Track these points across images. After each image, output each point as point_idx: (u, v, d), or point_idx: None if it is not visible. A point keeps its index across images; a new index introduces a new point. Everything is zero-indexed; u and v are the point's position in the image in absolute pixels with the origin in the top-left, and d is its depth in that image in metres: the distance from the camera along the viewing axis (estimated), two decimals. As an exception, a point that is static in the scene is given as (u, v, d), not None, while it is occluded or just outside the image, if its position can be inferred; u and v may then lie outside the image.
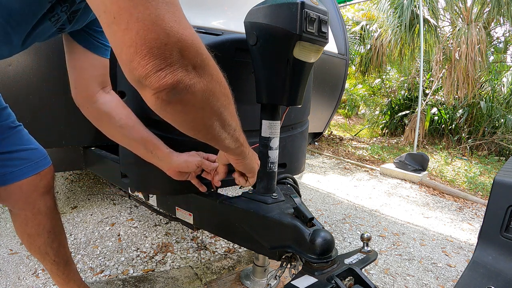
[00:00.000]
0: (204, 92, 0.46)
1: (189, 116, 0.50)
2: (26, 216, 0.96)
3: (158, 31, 0.38)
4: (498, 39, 6.92)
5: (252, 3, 0.87)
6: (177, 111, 0.47)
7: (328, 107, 2.19)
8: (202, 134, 0.57)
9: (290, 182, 1.16)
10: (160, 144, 0.90)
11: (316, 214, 2.52)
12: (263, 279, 1.33)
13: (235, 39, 0.96)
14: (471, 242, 2.25)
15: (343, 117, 9.51)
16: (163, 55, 0.39)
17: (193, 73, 0.43)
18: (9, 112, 0.88)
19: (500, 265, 0.68)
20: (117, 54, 0.41)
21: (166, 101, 0.43)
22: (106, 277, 1.50)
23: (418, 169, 3.87)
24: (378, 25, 7.12)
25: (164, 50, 0.39)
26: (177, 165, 0.91)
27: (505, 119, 5.81)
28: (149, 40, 0.38)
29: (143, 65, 0.39)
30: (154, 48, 0.38)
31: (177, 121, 0.51)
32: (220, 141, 0.62)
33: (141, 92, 0.44)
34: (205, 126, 0.55)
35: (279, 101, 0.89)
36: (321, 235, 0.79)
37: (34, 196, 0.94)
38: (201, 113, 0.51)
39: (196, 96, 0.45)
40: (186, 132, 0.55)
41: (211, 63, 0.48)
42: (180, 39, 0.40)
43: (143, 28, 0.38)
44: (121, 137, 0.89)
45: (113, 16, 0.38)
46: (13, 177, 0.88)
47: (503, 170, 0.76)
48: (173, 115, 0.48)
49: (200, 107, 0.49)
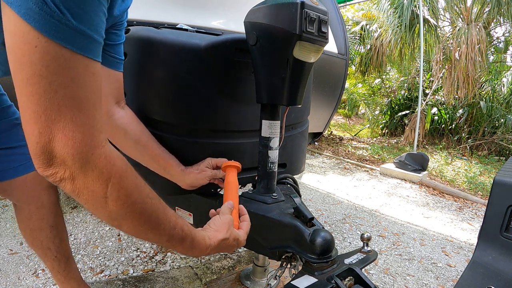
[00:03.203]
0: (74, 192, 0.46)
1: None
2: (30, 210, 0.98)
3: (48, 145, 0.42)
4: (498, 39, 6.91)
5: (252, 3, 0.87)
6: (68, 193, 0.48)
7: (328, 107, 2.19)
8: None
9: (290, 182, 1.16)
10: (173, 161, 0.93)
11: (316, 214, 2.52)
12: (263, 279, 1.33)
13: (235, 39, 0.96)
14: (471, 242, 2.25)
15: (343, 117, 9.51)
16: (45, 160, 0.43)
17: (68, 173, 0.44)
18: (14, 110, 0.91)
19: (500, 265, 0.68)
20: (24, 124, 0.43)
21: (52, 183, 0.46)
22: (106, 277, 1.50)
23: (418, 169, 3.87)
24: (378, 25, 7.12)
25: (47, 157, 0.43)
26: (189, 183, 0.96)
27: (505, 119, 5.81)
28: (39, 146, 0.42)
29: (36, 158, 0.43)
30: (41, 154, 0.42)
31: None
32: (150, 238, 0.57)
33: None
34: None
35: (279, 101, 0.89)
36: (321, 235, 0.79)
37: (39, 190, 0.96)
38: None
39: (68, 192, 0.46)
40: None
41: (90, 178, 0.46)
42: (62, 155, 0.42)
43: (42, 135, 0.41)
44: (136, 152, 0.90)
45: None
46: (18, 171, 0.90)
47: (503, 170, 0.76)
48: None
49: (82, 202, 0.48)
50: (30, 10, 0.37)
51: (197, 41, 0.94)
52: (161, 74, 0.95)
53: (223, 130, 1.04)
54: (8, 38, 0.40)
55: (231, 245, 0.69)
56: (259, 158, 0.97)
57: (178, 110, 0.98)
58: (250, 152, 1.10)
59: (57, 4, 0.38)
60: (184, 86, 0.95)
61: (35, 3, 0.37)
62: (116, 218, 0.50)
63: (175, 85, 0.95)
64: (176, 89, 0.96)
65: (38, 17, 0.38)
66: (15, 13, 0.38)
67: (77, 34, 0.41)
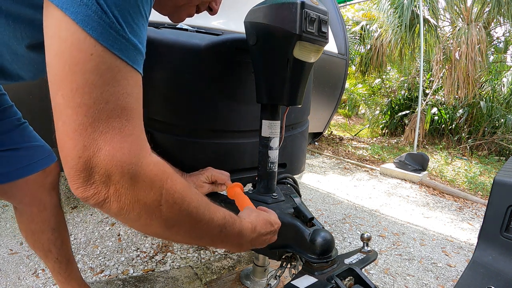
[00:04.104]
0: (121, 210, 0.43)
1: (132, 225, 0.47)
2: (32, 212, 0.97)
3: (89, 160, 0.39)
4: (498, 39, 6.92)
5: (252, 3, 0.87)
6: (108, 214, 0.46)
7: (328, 107, 2.19)
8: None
9: (290, 182, 1.16)
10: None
11: (316, 214, 2.52)
12: (263, 279, 1.33)
13: (235, 39, 0.96)
14: (471, 242, 2.25)
15: (343, 117, 9.51)
16: (86, 177, 0.40)
17: (110, 191, 0.41)
18: (15, 110, 0.90)
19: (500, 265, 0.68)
20: (58, 138, 0.40)
21: (91, 205, 0.43)
22: (106, 277, 1.50)
23: (418, 169, 3.87)
24: (378, 25, 7.12)
25: (86, 173, 0.40)
26: None
27: (505, 119, 5.81)
28: (82, 161, 0.39)
29: (75, 176, 0.40)
30: (83, 170, 0.40)
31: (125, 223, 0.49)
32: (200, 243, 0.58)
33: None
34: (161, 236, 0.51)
35: (279, 101, 0.89)
36: (321, 235, 0.79)
37: (40, 192, 0.95)
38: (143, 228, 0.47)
39: (112, 212, 0.43)
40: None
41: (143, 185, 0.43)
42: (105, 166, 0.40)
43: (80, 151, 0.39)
44: None
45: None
46: (19, 174, 0.90)
47: (503, 170, 0.76)
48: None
49: (128, 220, 0.45)
50: (88, 18, 0.37)
51: (197, 41, 0.94)
52: (161, 74, 0.95)
53: (223, 130, 1.04)
54: (55, 44, 0.39)
55: (269, 223, 0.72)
56: (259, 158, 0.97)
57: (178, 110, 0.98)
58: (250, 152, 1.10)
59: (116, 15, 0.38)
60: (184, 86, 0.95)
61: (94, 12, 0.37)
62: (173, 225, 0.48)
63: (175, 85, 0.95)
64: (176, 89, 0.96)
65: (97, 26, 0.37)
66: (70, 19, 0.37)
67: (131, 46, 0.41)
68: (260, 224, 0.68)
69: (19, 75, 0.65)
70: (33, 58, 0.60)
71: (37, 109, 1.22)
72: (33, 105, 1.21)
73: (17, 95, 1.16)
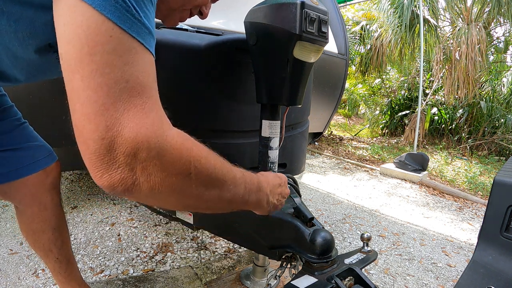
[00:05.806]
0: (153, 190, 0.42)
1: (157, 202, 0.46)
2: (33, 212, 0.97)
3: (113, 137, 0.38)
4: (498, 39, 6.92)
5: (252, 3, 0.87)
6: (137, 199, 0.44)
7: (328, 107, 2.19)
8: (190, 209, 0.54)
9: (290, 182, 1.16)
10: None
11: (316, 214, 2.52)
12: (263, 279, 1.33)
13: (235, 39, 0.96)
14: (471, 242, 2.25)
15: (343, 117, 9.51)
16: (110, 161, 0.38)
17: (137, 173, 0.40)
18: (15, 110, 0.91)
19: (500, 265, 0.68)
20: (74, 117, 0.40)
21: (119, 194, 0.41)
22: (106, 277, 1.50)
23: (418, 169, 3.87)
24: (378, 25, 7.12)
25: (106, 153, 0.38)
26: None
27: (505, 119, 5.81)
28: (105, 143, 0.38)
29: (99, 161, 0.39)
30: (107, 153, 0.38)
31: (149, 203, 0.49)
32: (222, 208, 0.56)
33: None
34: (184, 207, 0.52)
35: (279, 101, 0.89)
36: (321, 235, 0.79)
37: (41, 192, 0.95)
38: (167, 201, 0.46)
39: (143, 194, 0.42)
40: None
41: (170, 156, 0.42)
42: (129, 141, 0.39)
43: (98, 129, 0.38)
44: None
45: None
46: (19, 174, 0.90)
47: (503, 170, 0.76)
48: (138, 199, 0.45)
49: (159, 199, 0.44)
50: (105, 2, 0.38)
51: (197, 41, 0.94)
52: (161, 74, 0.94)
53: (223, 130, 1.05)
54: (70, 30, 0.39)
55: (275, 175, 0.74)
56: (259, 158, 0.97)
57: (178, 110, 0.98)
58: (250, 152, 1.10)
59: (131, 1, 0.40)
60: (184, 86, 0.95)
61: None
62: (204, 193, 0.48)
63: (175, 85, 0.96)
64: (176, 89, 0.96)
65: (114, 10, 0.39)
66: (86, 4, 0.38)
67: (145, 29, 0.43)
68: (269, 176, 0.71)
69: (16, 78, 0.65)
70: (32, 60, 0.61)
71: (37, 109, 1.22)
72: (33, 105, 1.21)
73: (17, 95, 1.17)
